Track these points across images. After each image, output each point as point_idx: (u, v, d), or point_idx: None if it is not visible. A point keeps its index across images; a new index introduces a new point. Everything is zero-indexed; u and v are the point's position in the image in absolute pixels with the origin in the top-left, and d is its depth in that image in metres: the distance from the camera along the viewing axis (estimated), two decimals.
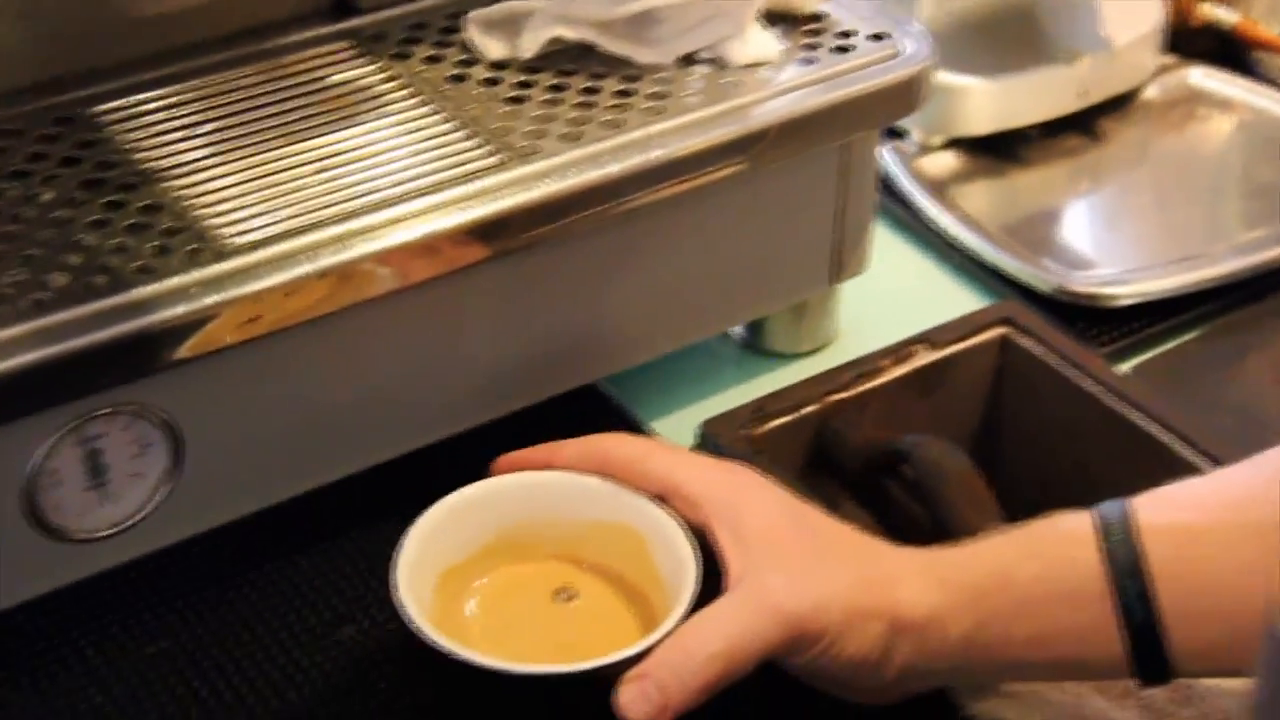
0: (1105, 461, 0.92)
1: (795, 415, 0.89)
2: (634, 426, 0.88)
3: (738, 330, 0.96)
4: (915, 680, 0.68)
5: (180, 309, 0.66)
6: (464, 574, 0.70)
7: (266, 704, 0.72)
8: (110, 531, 0.71)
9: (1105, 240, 1.07)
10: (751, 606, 0.64)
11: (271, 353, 0.70)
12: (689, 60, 0.84)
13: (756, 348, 0.97)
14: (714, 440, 0.86)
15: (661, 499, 0.70)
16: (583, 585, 0.71)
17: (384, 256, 0.71)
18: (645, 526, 0.70)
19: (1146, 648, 0.65)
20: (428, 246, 0.72)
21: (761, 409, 0.88)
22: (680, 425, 0.90)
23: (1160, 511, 0.66)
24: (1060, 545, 0.67)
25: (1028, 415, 0.96)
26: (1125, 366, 0.96)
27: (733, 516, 0.67)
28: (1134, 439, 0.90)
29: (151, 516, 0.71)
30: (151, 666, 0.73)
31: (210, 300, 0.67)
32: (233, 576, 0.77)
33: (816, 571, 0.65)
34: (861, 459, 0.89)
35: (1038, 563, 0.66)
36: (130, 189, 0.73)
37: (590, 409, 0.87)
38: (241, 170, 0.74)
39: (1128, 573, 0.65)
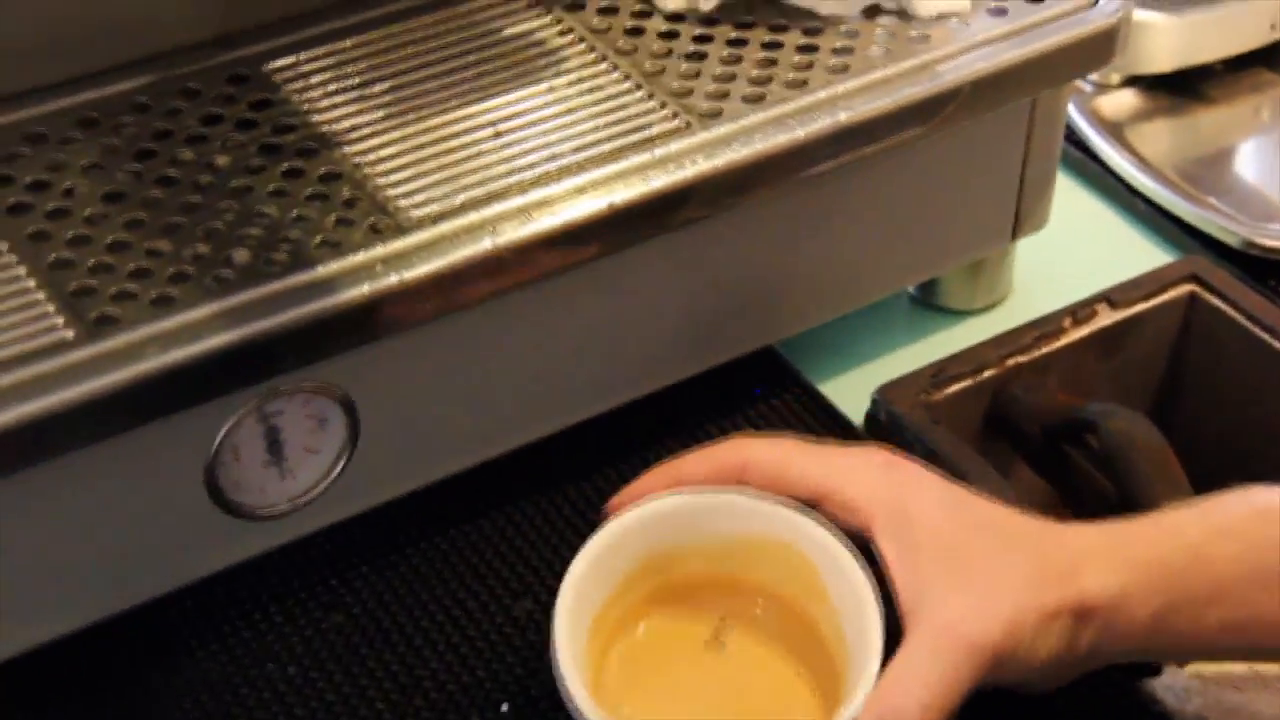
0: None
1: (974, 379, 0.86)
2: (807, 388, 0.86)
3: (911, 288, 0.93)
4: (1094, 663, 0.65)
5: (365, 288, 0.64)
6: (618, 619, 0.67)
7: (438, 679, 0.71)
8: (288, 507, 0.70)
9: None
10: (946, 647, 0.60)
11: (451, 328, 0.68)
12: (873, 11, 0.81)
13: (929, 304, 0.94)
14: (890, 407, 0.84)
15: (812, 504, 0.66)
16: (740, 622, 0.67)
17: (567, 230, 0.68)
18: (807, 546, 0.66)
19: None
20: (611, 218, 0.69)
21: (940, 372, 0.86)
22: (853, 386, 0.87)
23: None
24: (1258, 523, 0.63)
25: (1214, 378, 0.92)
26: None
27: (897, 524, 0.63)
28: None
29: (328, 491, 0.70)
30: (337, 635, 0.72)
31: (394, 279, 0.65)
32: (411, 547, 0.76)
33: (998, 580, 0.62)
34: (1042, 426, 0.86)
35: (1234, 542, 0.63)
36: (308, 155, 0.71)
37: (764, 372, 0.85)
38: (417, 134, 0.72)
39: None
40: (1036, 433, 0.86)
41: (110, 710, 0.69)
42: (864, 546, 0.65)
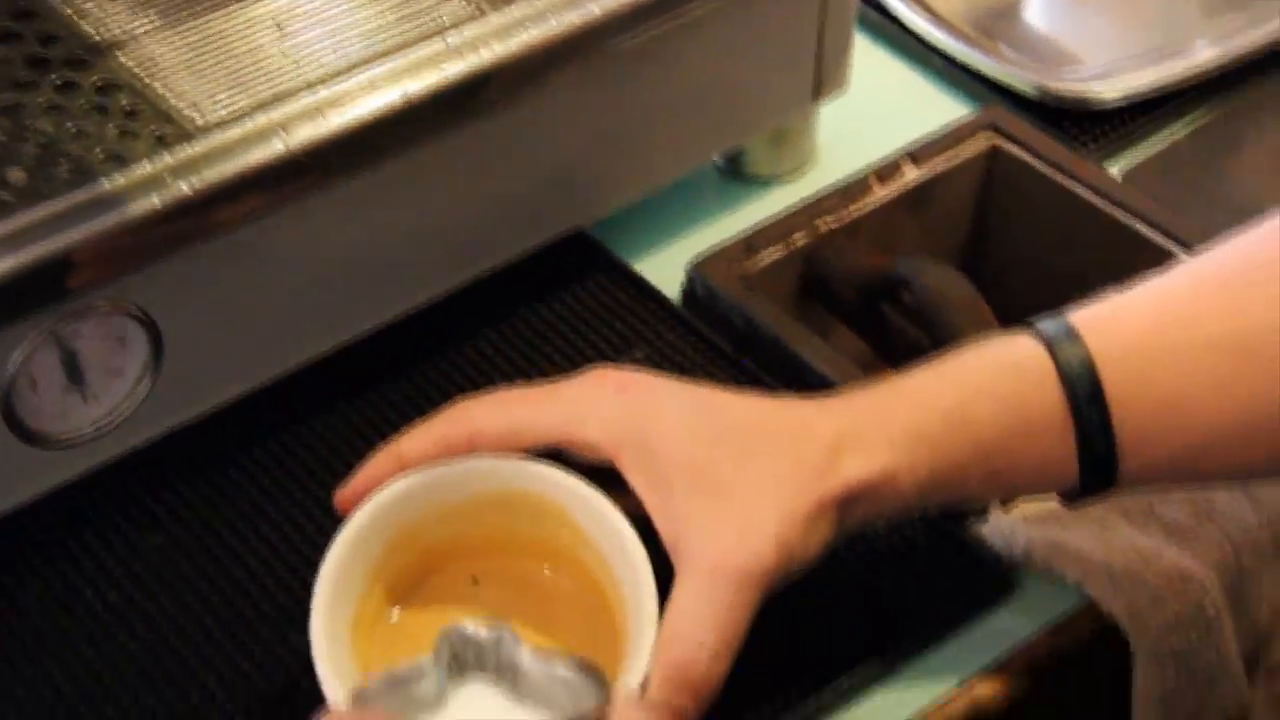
0: (1102, 271, 0.90)
1: (787, 247, 0.87)
2: (623, 269, 0.85)
3: (716, 158, 0.92)
4: (860, 530, 0.65)
5: (155, 200, 0.62)
6: (374, 614, 0.63)
7: (268, 590, 0.70)
8: (93, 432, 0.67)
9: (1085, 33, 1.03)
10: (721, 584, 0.58)
11: (248, 235, 0.66)
12: None
13: (736, 174, 0.93)
14: (706, 280, 0.83)
15: (555, 455, 0.62)
16: (497, 579, 0.64)
17: (362, 127, 0.66)
18: (554, 493, 0.62)
19: (1100, 473, 0.63)
20: (406, 111, 0.67)
21: (751, 243, 0.86)
22: (668, 262, 0.87)
23: (1110, 334, 0.63)
24: (1016, 380, 0.63)
25: (1019, 227, 0.94)
26: (1115, 169, 0.93)
27: (641, 455, 0.60)
28: (1132, 245, 0.88)
29: (135, 413, 0.68)
30: (158, 556, 0.70)
31: (185, 189, 0.62)
32: (227, 460, 0.74)
33: (755, 496, 0.59)
34: (856, 287, 0.87)
35: (993, 402, 0.62)
36: (80, 66, 0.68)
37: (576, 254, 0.84)
38: (196, 36, 0.70)
39: (1089, 403, 0.62)
40: (851, 294, 0.87)
41: None
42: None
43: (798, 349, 0.79)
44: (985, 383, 0.62)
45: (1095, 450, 0.62)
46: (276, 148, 0.65)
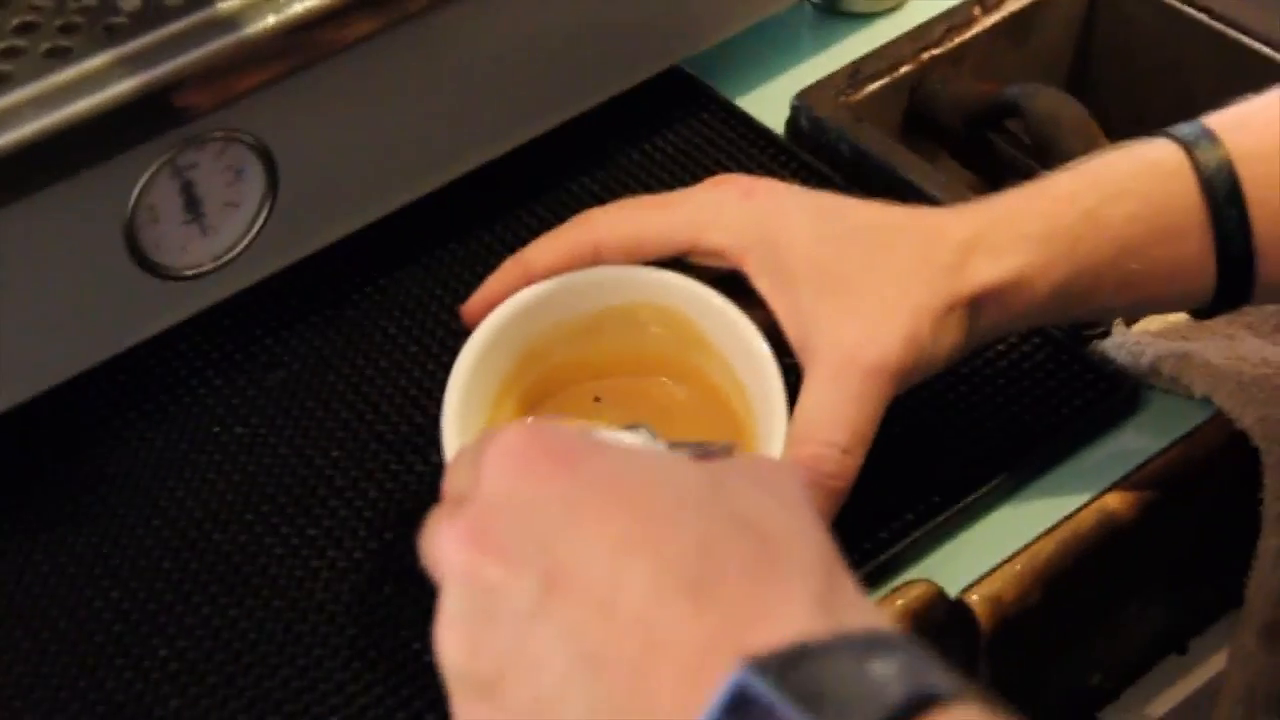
0: (1214, 91, 0.88)
1: (891, 77, 0.85)
2: (725, 104, 0.84)
3: None
4: (990, 338, 0.64)
5: (270, 20, 0.61)
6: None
7: (390, 421, 0.70)
8: (213, 265, 0.67)
9: None
10: (850, 380, 0.57)
11: (359, 58, 0.66)
12: None
13: (833, 10, 0.92)
14: (809, 112, 0.82)
15: (680, 262, 0.61)
16: (627, 387, 0.64)
17: None
18: (678, 299, 0.61)
19: (1236, 278, 0.62)
20: None
21: (857, 72, 0.84)
22: (769, 98, 0.86)
23: (1247, 135, 0.62)
24: (1153, 180, 0.61)
25: (1122, 52, 0.92)
26: None
27: (768, 257, 0.59)
28: (1241, 62, 0.86)
29: (252, 246, 0.68)
30: (281, 391, 0.71)
31: (298, 8, 0.62)
32: (343, 298, 0.74)
33: (885, 292, 0.58)
34: (963, 115, 0.85)
35: (1132, 201, 0.61)
36: None
37: (678, 92, 0.83)
38: None
39: (1227, 202, 0.60)
40: (958, 123, 0.85)
41: (54, 489, 0.67)
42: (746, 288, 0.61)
43: (910, 175, 0.78)
44: (1124, 182, 0.61)
45: (1233, 251, 0.61)
46: None
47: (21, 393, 0.64)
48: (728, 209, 0.61)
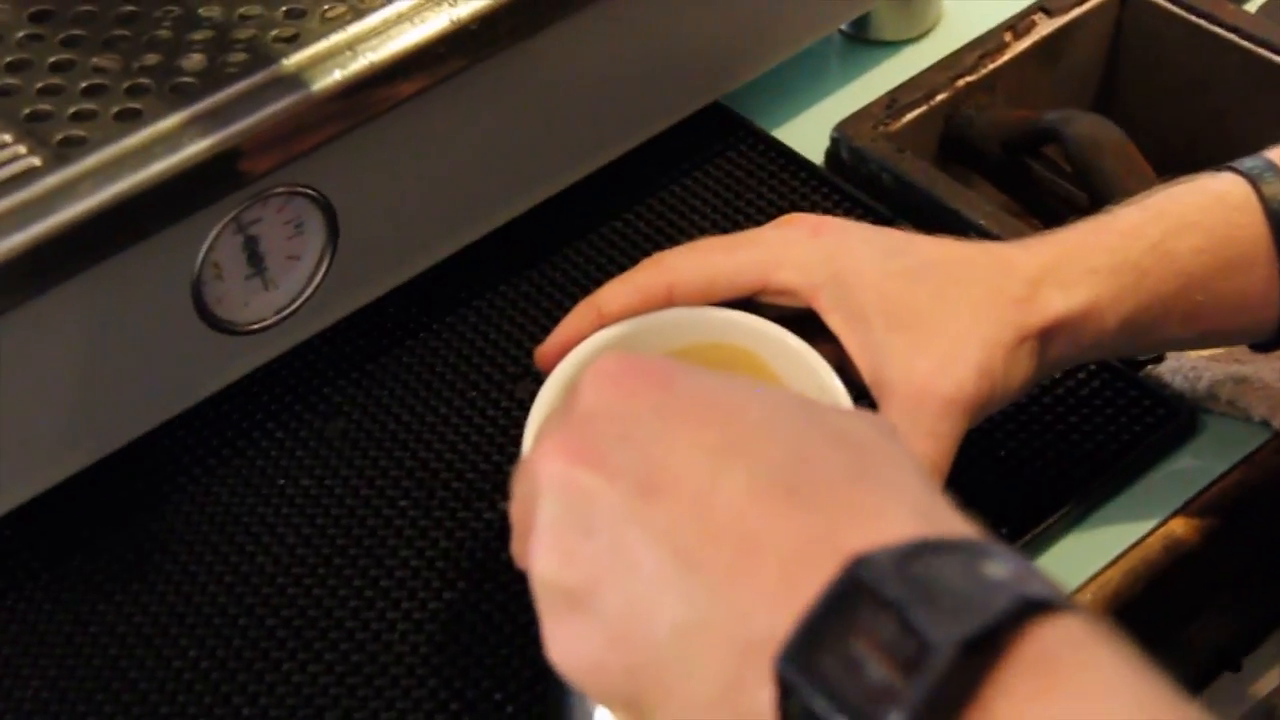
0: (1243, 109, 0.89)
1: (928, 105, 0.86)
2: (764, 137, 0.84)
3: (843, 24, 0.91)
4: (1058, 370, 0.65)
5: (336, 75, 0.61)
6: None
7: (455, 468, 0.70)
8: (275, 318, 0.67)
9: None
10: (926, 413, 0.57)
11: (416, 110, 0.66)
12: None
13: (862, 39, 0.92)
14: (849, 143, 0.83)
15: (750, 302, 0.61)
16: None
17: None
18: (752, 341, 0.61)
19: None
20: None
21: (894, 102, 0.85)
22: (807, 128, 0.86)
23: None
24: (1218, 211, 0.62)
25: (1152, 73, 0.92)
26: (1251, 5, 0.92)
27: (839, 294, 0.59)
28: (1271, 80, 0.87)
29: (313, 298, 0.68)
30: (343, 441, 0.71)
31: (364, 63, 0.62)
32: (399, 345, 0.74)
33: (956, 325, 0.58)
34: (1000, 141, 0.86)
35: (1198, 234, 0.61)
36: None
37: (716, 125, 0.84)
38: None
39: None
40: (996, 150, 0.86)
41: (125, 548, 0.68)
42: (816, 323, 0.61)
43: (954, 203, 0.79)
44: (1191, 215, 0.61)
45: None
46: (443, 20, 0.64)
47: (90, 455, 0.65)
48: (796, 248, 0.61)
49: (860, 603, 0.37)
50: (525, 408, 0.68)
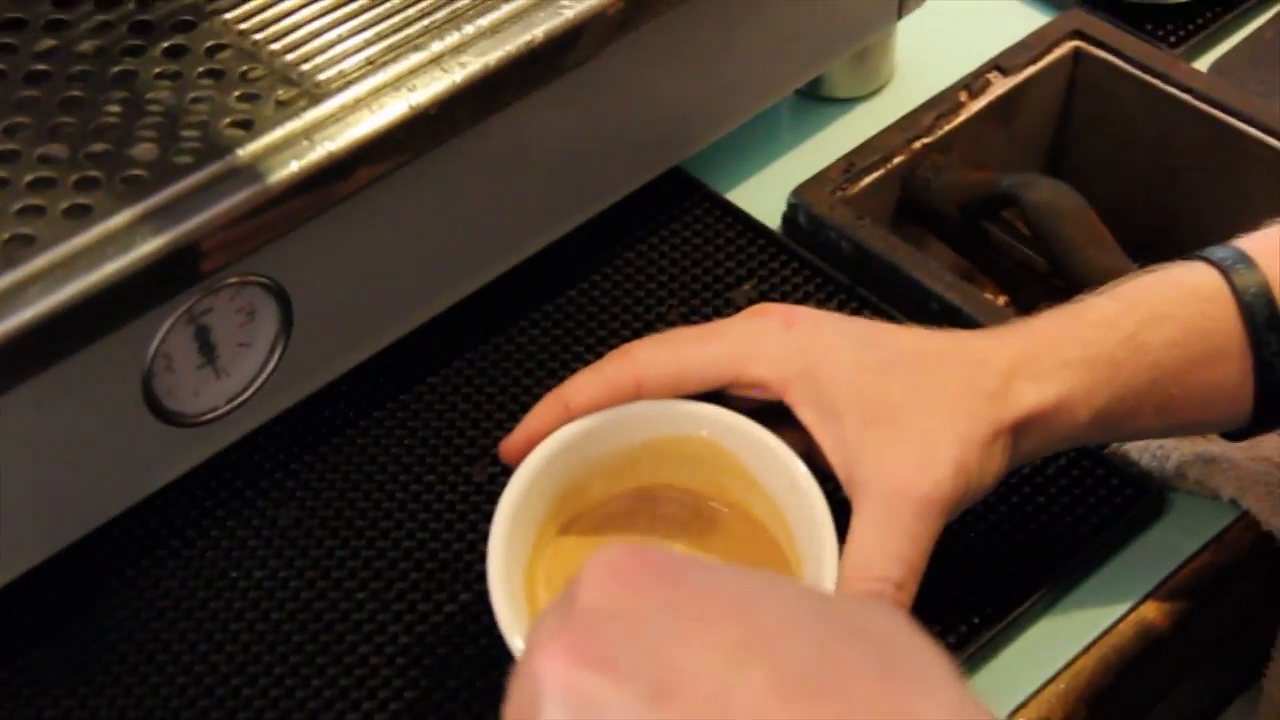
0: (1198, 169, 0.89)
1: (885, 168, 0.85)
2: (717, 200, 0.83)
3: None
4: (1029, 461, 0.63)
5: (294, 166, 0.59)
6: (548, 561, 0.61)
7: (413, 557, 0.68)
8: (228, 407, 0.65)
9: None
10: (901, 513, 0.56)
11: (373, 195, 0.64)
12: None
13: (815, 96, 0.91)
14: (809, 209, 0.81)
15: (720, 394, 0.61)
16: (668, 523, 0.63)
17: (486, 79, 0.64)
18: (721, 435, 0.60)
19: (1273, 401, 0.62)
20: (525, 58, 0.65)
21: (851, 165, 0.84)
22: (762, 190, 0.85)
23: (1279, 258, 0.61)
24: (1192, 304, 0.61)
25: (1104, 131, 0.92)
26: (1202, 64, 0.91)
27: (812, 388, 0.59)
28: (1227, 141, 0.87)
29: (266, 384, 0.66)
30: (296, 529, 0.69)
31: (322, 153, 0.60)
32: (352, 428, 0.73)
33: (930, 422, 0.57)
34: (958, 204, 0.85)
35: (1171, 326, 0.60)
36: (186, 28, 0.65)
37: (670, 189, 0.82)
38: None
39: (1267, 327, 0.60)
40: (953, 213, 0.85)
41: (71, 648, 0.65)
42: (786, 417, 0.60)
43: (915, 273, 0.78)
44: (1164, 307, 0.61)
45: (1272, 377, 0.61)
46: (401, 107, 0.62)
47: (38, 554, 0.62)
48: (768, 340, 0.60)
49: None
50: (484, 491, 0.67)
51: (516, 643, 0.55)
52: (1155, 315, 0.60)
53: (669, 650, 0.40)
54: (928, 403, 0.59)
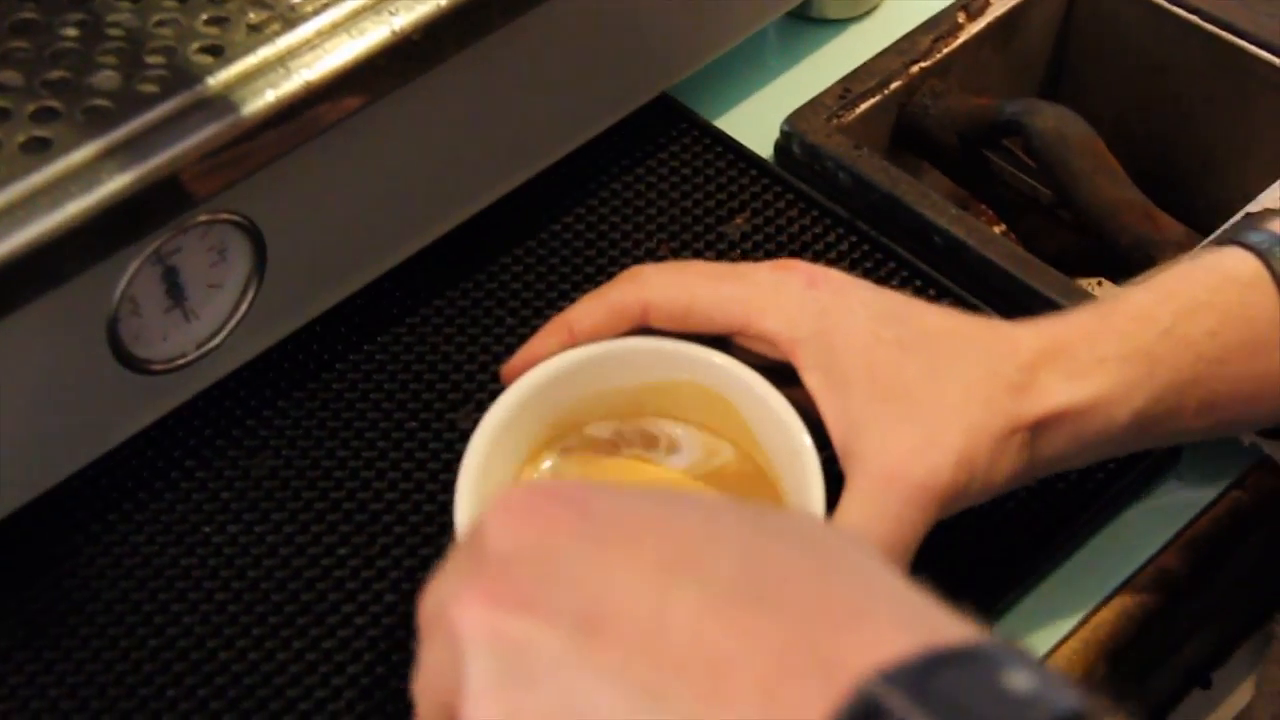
0: (1202, 94, 0.86)
1: (882, 94, 0.81)
2: (707, 128, 0.79)
3: None
4: (1056, 469, 0.58)
5: (270, 96, 0.55)
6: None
7: (396, 509, 0.65)
8: (197, 353, 0.61)
9: None
10: (893, 496, 0.53)
11: (351, 127, 0.60)
12: None
13: (805, 17, 0.87)
14: (802, 138, 0.78)
15: (725, 339, 0.58)
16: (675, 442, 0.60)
17: (472, 2, 0.60)
18: (724, 385, 0.57)
19: None
20: None
21: (847, 91, 0.80)
22: (752, 116, 0.82)
23: None
24: (1231, 291, 0.57)
25: (1107, 54, 0.88)
26: None
27: (822, 354, 0.55)
28: (1231, 65, 0.83)
29: (238, 328, 0.62)
30: (271, 480, 0.65)
31: (299, 82, 0.56)
32: (328, 372, 0.69)
33: (943, 405, 0.54)
34: (958, 132, 0.81)
35: (1211, 315, 0.56)
36: None
37: (658, 117, 0.78)
38: None
39: None
40: (953, 141, 0.81)
41: (35, 609, 0.61)
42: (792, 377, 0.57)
43: (918, 207, 0.74)
44: (1201, 295, 0.57)
45: None
46: (384, 31, 0.58)
47: (9, 504, 0.58)
48: (787, 295, 0.56)
49: None
50: (469, 438, 0.63)
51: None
52: (1193, 304, 0.57)
53: (591, 581, 0.38)
54: (942, 387, 0.55)
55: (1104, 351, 0.55)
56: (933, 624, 0.37)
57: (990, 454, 0.54)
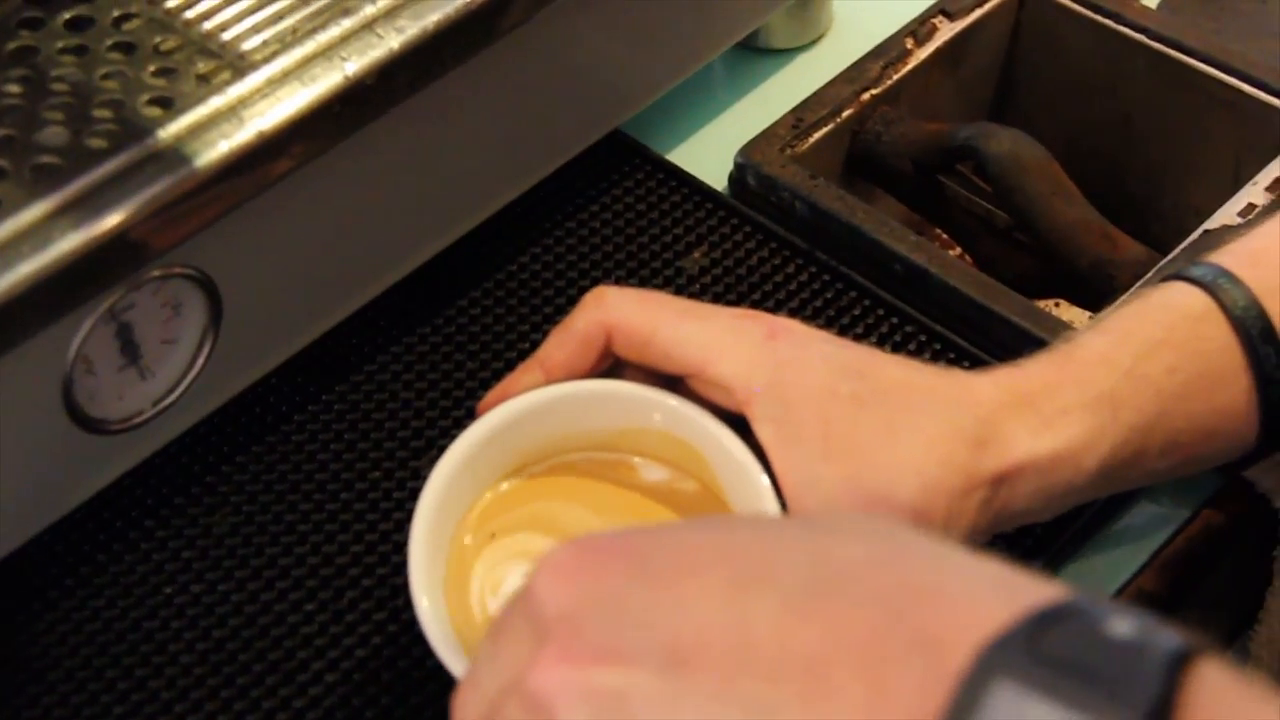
0: (1150, 112, 0.86)
1: (834, 122, 0.80)
2: (661, 164, 0.78)
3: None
4: (1016, 523, 0.57)
5: (223, 147, 0.54)
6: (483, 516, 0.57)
7: (363, 562, 0.64)
8: (153, 411, 0.60)
9: None
10: None
11: (305, 174, 0.59)
12: None
13: (752, 47, 0.87)
14: (758, 169, 0.77)
15: (679, 379, 0.56)
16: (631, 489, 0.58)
17: (422, 45, 0.59)
18: (692, 435, 0.56)
19: (1277, 422, 0.57)
20: (465, 21, 0.60)
21: (800, 121, 0.79)
22: (704, 149, 0.81)
23: (1263, 270, 0.58)
24: (1185, 326, 0.57)
25: (1055, 74, 0.88)
26: (1151, 1, 0.88)
27: (776, 406, 0.53)
28: (1180, 82, 0.83)
29: (195, 384, 0.60)
30: (233, 538, 0.64)
31: (252, 133, 0.54)
32: (287, 424, 0.67)
33: (896, 463, 0.52)
34: (912, 158, 0.81)
35: (1169, 353, 0.56)
36: None
37: (612, 154, 0.77)
38: None
39: (1263, 340, 0.56)
40: (907, 167, 0.81)
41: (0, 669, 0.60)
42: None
43: (876, 234, 0.74)
44: (1159, 333, 0.56)
45: (1274, 393, 0.57)
46: (336, 77, 0.57)
47: None
48: (744, 344, 0.54)
49: (1001, 697, 0.34)
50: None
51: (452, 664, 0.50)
52: (1150, 343, 0.56)
53: (664, 616, 0.38)
54: (897, 443, 0.53)
55: (1066, 401, 0.54)
56: (1019, 589, 0.37)
57: (946, 511, 0.52)
